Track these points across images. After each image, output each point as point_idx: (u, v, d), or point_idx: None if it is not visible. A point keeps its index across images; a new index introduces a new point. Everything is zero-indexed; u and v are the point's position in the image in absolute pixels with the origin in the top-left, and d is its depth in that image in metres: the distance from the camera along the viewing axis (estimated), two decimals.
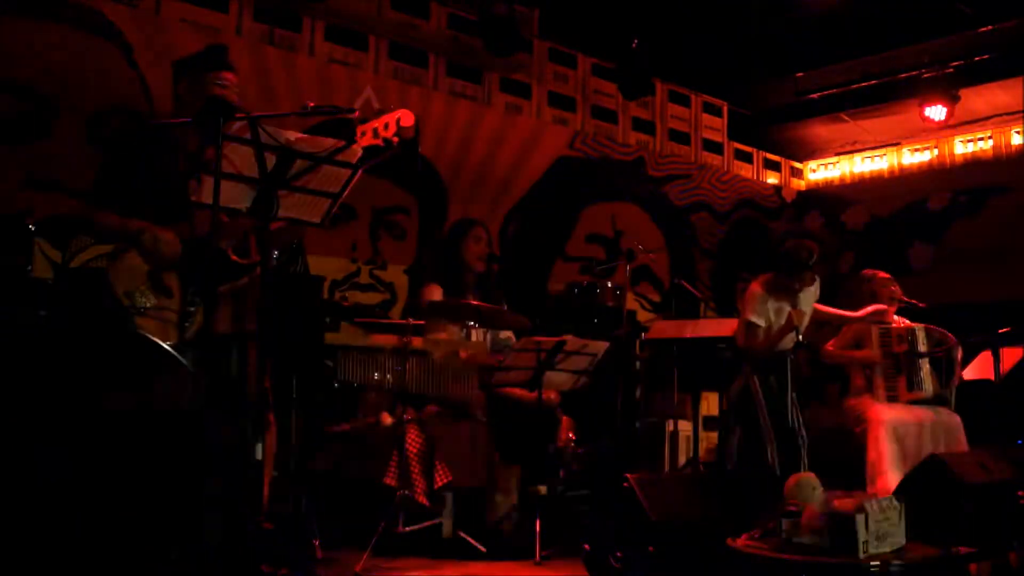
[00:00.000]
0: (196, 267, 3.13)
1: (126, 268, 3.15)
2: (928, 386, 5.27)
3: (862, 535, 2.88)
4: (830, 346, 5.47)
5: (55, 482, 2.83)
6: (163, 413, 2.89)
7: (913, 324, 5.47)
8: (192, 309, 3.18)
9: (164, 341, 3.03)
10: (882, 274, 5.58)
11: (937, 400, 5.33)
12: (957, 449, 5.01)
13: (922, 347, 5.33)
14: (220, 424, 3.05)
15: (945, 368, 5.35)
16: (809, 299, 4.93)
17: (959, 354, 5.39)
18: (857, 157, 9.43)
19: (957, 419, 5.24)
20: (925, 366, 5.29)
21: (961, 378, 5.47)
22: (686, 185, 8.49)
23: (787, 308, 4.76)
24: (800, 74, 8.30)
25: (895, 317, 5.57)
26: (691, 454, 6.48)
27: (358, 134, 3.34)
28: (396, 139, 3.28)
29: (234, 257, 3.27)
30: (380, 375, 4.39)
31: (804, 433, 4.79)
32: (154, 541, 2.79)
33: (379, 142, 3.27)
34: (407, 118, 3.34)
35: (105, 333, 2.97)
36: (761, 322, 4.77)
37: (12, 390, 3.01)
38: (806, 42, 7.50)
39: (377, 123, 3.28)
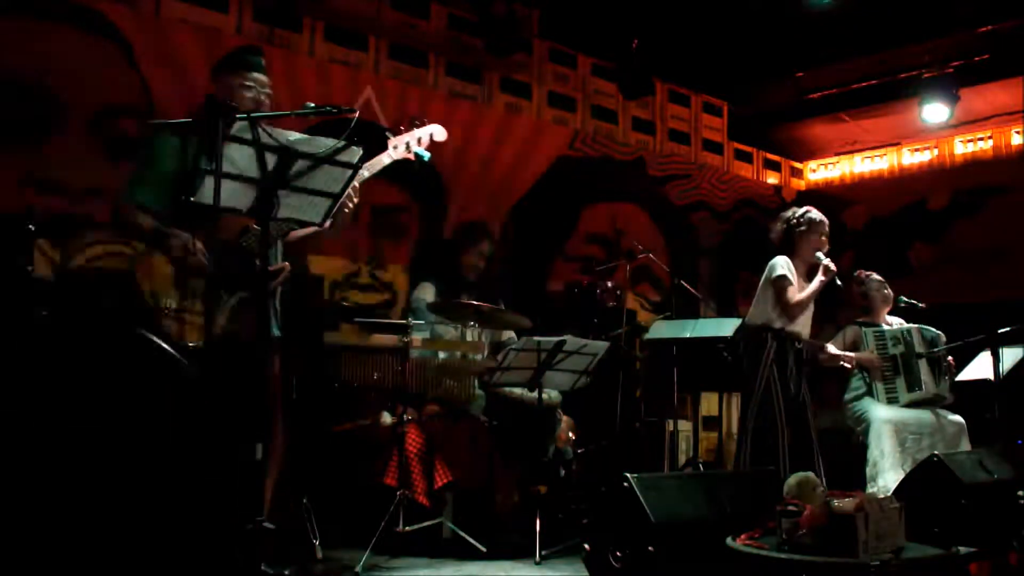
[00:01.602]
0: (224, 272, 3.14)
1: (153, 270, 3.17)
2: (929, 386, 5.28)
3: (862, 535, 2.88)
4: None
5: (55, 481, 2.83)
6: (163, 413, 2.89)
7: (908, 325, 5.48)
8: (219, 311, 3.19)
9: (187, 342, 3.05)
10: (876, 277, 5.58)
11: (937, 400, 5.34)
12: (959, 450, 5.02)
13: (919, 348, 5.35)
14: (221, 424, 3.05)
15: (940, 367, 5.37)
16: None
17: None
18: (857, 157, 9.43)
19: (960, 421, 5.25)
20: (924, 366, 5.30)
21: (953, 377, 5.48)
22: (686, 185, 8.48)
23: (805, 283, 4.74)
24: (800, 74, 8.29)
25: (888, 319, 5.58)
26: (691, 454, 6.49)
27: (390, 147, 3.36)
28: (428, 153, 3.30)
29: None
30: (380, 375, 4.39)
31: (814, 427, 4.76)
32: (155, 541, 2.79)
33: (411, 156, 3.28)
34: (440, 133, 3.35)
35: (105, 333, 2.98)
36: (793, 279, 4.73)
37: (12, 389, 3.00)
38: (806, 42, 7.49)
39: (410, 136, 3.29)
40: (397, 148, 3.33)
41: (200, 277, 3.19)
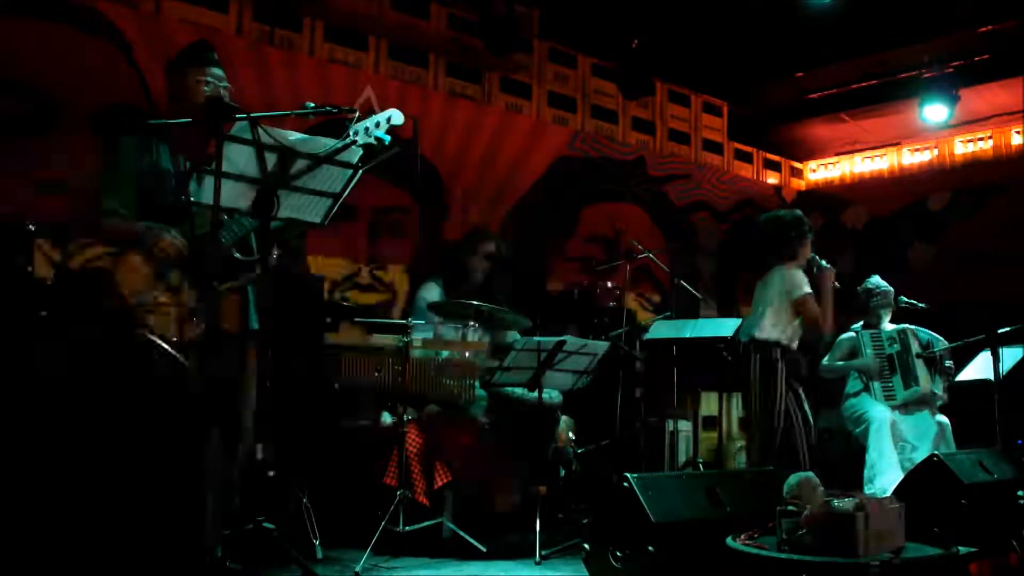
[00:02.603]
0: (201, 265, 3.11)
1: (131, 268, 3.13)
2: (925, 386, 5.29)
3: (862, 535, 2.88)
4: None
5: (57, 480, 2.83)
6: (163, 412, 2.89)
7: (903, 325, 5.49)
8: (201, 305, 3.16)
9: (171, 337, 3.02)
10: (883, 285, 5.57)
11: (933, 399, 5.35)
12: (947, 450, 5.03)
13: (915, 347, 5.36)
14: (220, 423, 3.05)
15: (936, 368, 5.37)
16: None
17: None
18: (857, 157, 9.43)
19: (945, 421, 5.28)
20: (920, 366, 5.31)
21: (953, 378, 5.49)
22: (686, 185, 8.49)
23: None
24: (800, 74, 8.30)
25: (888, 326, 5.59)
26: (691, 454, 6.49)
27: (350, 133, 3.36)
28: (388, 136, 3.29)
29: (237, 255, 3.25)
30: (380, 375, 4.38)
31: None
32: (154, 540, 2.79)
33: (372, 141, 3.28)
34: (397, 117, 3.36)
35: (105, 333, 2.98)
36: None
37: (12, 389, 3.01)
38: (806, 42, 7.50)
39: (369, 122, 3.30)
40: (356, 134, 3.33)
41: (177, 267, 3.15)
